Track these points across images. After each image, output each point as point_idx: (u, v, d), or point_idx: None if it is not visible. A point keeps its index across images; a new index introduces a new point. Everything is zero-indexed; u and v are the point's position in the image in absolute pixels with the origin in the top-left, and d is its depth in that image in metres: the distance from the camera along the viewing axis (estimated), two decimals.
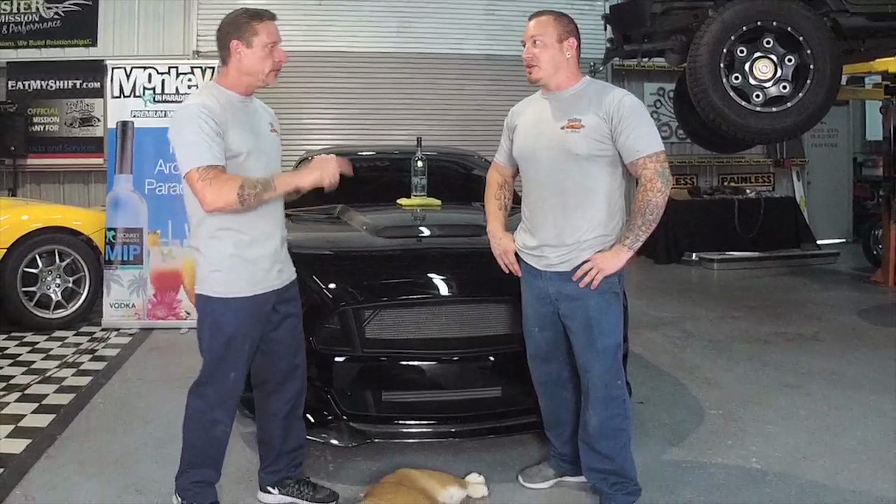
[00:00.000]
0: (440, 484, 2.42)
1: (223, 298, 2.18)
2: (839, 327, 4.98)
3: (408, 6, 7.95)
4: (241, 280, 2.19)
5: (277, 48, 2.23)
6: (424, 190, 3.62)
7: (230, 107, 2.18)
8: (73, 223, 4.90)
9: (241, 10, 2.22)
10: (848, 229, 9.40)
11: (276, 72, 2.24)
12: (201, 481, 2.29)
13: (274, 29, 2.22)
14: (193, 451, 2.27)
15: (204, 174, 2.06)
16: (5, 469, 2.67)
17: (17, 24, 7.39)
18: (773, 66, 4.38)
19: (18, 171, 7.35)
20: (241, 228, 2.18)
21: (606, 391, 2.33)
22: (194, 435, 2.26)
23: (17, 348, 4.36)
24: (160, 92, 4.93)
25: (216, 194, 2.06)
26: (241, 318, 2.20)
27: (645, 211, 2.23)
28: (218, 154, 2.09)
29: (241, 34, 2.18)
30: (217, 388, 2.23)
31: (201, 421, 2.25)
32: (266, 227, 2.24)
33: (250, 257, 2.20)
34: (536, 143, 2.37)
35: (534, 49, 2.31)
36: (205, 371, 2.25)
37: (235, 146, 2.15)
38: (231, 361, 2.22)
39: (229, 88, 2.22)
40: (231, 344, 2.20)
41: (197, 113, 2.09)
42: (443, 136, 7.39)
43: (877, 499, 2.50)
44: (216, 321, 2.20)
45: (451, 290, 2.79)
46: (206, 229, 2.19)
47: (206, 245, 2.20)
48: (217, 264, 2.18)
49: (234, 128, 2.15)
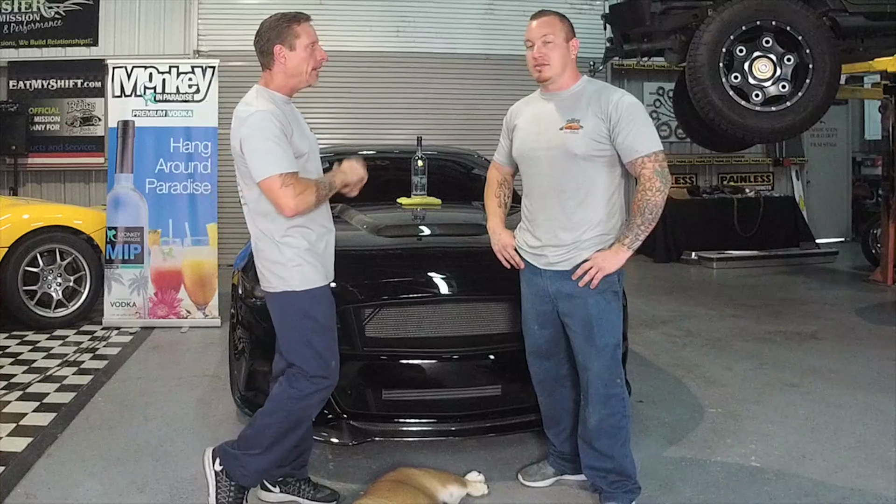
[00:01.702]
0: (440, 482, 2.42)
1: (309, 290, 2.24)
2: (838, 326, 4.99)
3: (408, 6, 7.98)
4: (318, 270, 2.27)
5: (318, 47, 2.29)
6: (424, 189, 3.62)
7: (284, 109, 2.24)
8: (73, 222, 4.91)
9: (279, 15, 2.27)
10: (847, 228, 9.43)
11: (317, 70, 2.32)
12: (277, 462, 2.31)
13: (312, 30, 2.29)
14: (277, 436, 2.26)
15: (286, 180, 2.13)
16: (7, 467, 2.68)
17: (19, 23, 7.41)
18: (773, 65, 4.40)
19: (20, 171, 7.38)
20: (310, 225, 2.26)
21: (605, 389, 2.34)
22: (284, 419, 2.25)
23: (18, 347, 4.37)
24: (161, 91, 4.94)
25: (298, 202, 2.14)
26: (328, 305, 2.30)
27: (644, 210, 2.24)
28: (292, 159, 2.17)
29: (283, 38, 2.23)
30: (321, 380, 2.25)
31: (298, 406, 2.25)
32: (326, 223, 2.35)
33: (319, 250, 2.29)
34: (536, 143, 2.38)
35: (544, 48, 2.31)
36: (310, 368, 2.25)
37: (298, 147, 2.22)
38: (329, 349, 2.28)
39: (277, 91, 2.28)
40: (326, 333, 2.28)
41: (269, 118, 2.15)
42: (442, 135, 7.41)
43: (875, 497, 2.51)
44: (308, 314, 2.25)
45: (451, 289, 2.79)
46: (277, 229, 2.23)
47: (279, 243, 2.23)
48: (297, 259, 2.23)
49: (294, 129, 2.23)
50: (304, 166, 2.24)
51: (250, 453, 2.28)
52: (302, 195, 2.15)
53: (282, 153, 2.14)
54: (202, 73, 4.97)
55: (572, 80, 2.36)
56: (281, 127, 2.16)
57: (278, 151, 2.14)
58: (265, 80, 2.30)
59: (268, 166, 2.13)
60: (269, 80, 2.28)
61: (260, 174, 2.15)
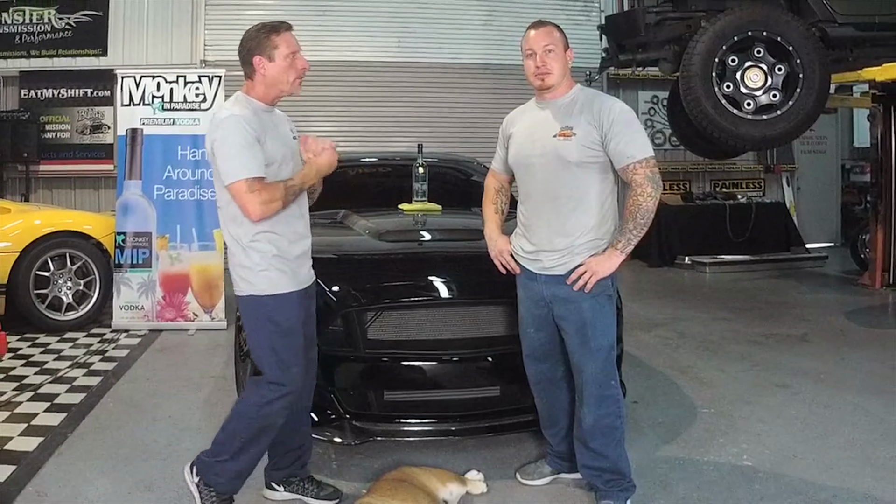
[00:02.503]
0: (440, 481, 2.45)
1: (275, 295, 2.24)
2: (827, 328, 5.03)
3: (408, 17, 8.03)
4: (287, 276, 2.26)
5: (298, 56, 2.29)
6: (425, 195, 3.65)
7: (261, 116, 2.25)
8: (83, 227, 4.95)
9: (259, 25, 2.29)
10: (836, 233, 9.48)
11: (300, 79, 2.31)
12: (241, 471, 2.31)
13: (292, 39, 2.28)
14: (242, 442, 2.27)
15: (252, 185, 2.13)
16: (18, 466, 2.71)
17: (30, 34, 7.47)
18: (764, 74, 4.45)
19: (31, 177, 7.44)
20: (279, 231, 2.25)
21: (600, 390, 2.37)
22: (246, 426, 2.27)
23: (30, 349, 4.40)
24: (168, 100, 4.98)
25: (265, 207, 2.14)
26: (294, 311, 2.27)
27: (636, 215, 2.28)
28: (262, 164, 2.16)
29: (262, 49, 2.24)
30: (278, 386, 2.25)
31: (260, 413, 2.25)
32: (300, 228, 2.33)
33: (290, 256, 2.27)
34: (531, 150, 2.41)
35: (546, 57, 2.35)
36: (270, 372, 2.26)
37: (271, 154, 2.21)
38: (291, 355, 2.27)
39: (257, 99, 2.28)
40: (289, 338, 2.26)
41: (240, 123, 2.16)
42: (443, 142, 7.45)
43: (863, 495, 2.53)
44: (272, 318, 2.24)
45: (451, 293, 2.81)
46: (245, 233, 2.24)
47: (246, 248, 2.24)
48: (264, 264, 2.23)
49: (269, 137, 2.22)
50: (277, 174, 2.23)
51: (220, 459, 2.29)
52: (269, 200, 2.14)
53: (251, 158, 2.14)
54: (209, 82, 5.01)
55: (567, 88, 2.41)
56: (253, 132, 2.16)
57: (247, 156, 2.13)
58: (246, 88, 2.31)
59: (236, 170, 2.13)
60: (251, 89, 2.29)
61: (228, 177, 2.15)
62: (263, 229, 2.22)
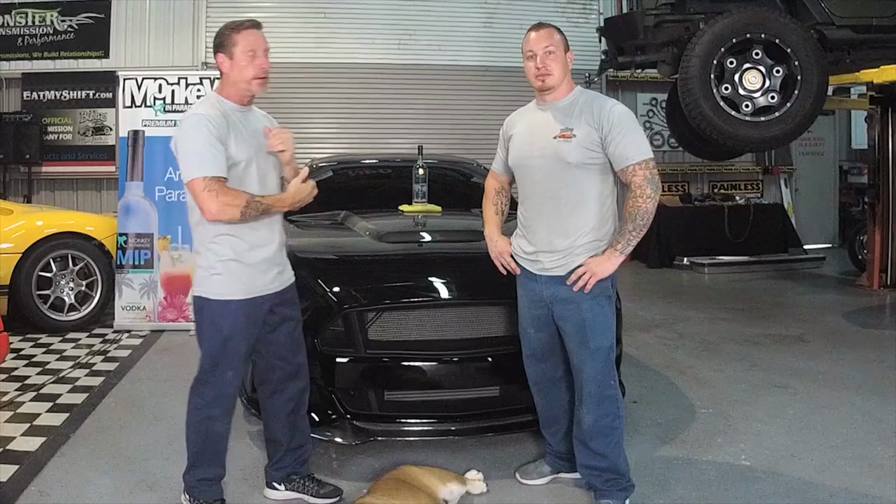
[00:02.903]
0: (440, 480, 2.46)
1: (221, 300, 2.23)
2: (825, 329, 5.04)
3: (409, 19, 8.05)
4: (238, 283, 2.24)
5: (259, 56, 2.24)
6: (425, 197, 3.67)
7: (230, 116, 2.23)
8: (86, 229, 4.96)
9: (227, 22, 2.28)
10: (834, 234, 9.50)
11: (260, 79, 2.26)
12: (206, 478, 2.35)
13: (254, 38, 2.24)
14: (196, 448, 2.33)
15: (209, 184, 2.12)
16: (21, 466, 2.72)
17: (32, 36, 7.48)
18: (762, 76, 4.45)
19: (33, 179, 7.46)
20: (240, 235, 2.23)
21: (599, 390, 2.39)
22: (194, 432, 2.32)
23: (32, 349, 4.42)
24: (170, 102, 5.00)
25: (221, 207, 2.13)
26: (238, 319, 2.25)
27: (636, 217, 2.30)
28: (221, 164, 2.15)
29: (223, 47, 2.24)
30: (214, 386, 2.29)
31: (200, 418, 2.30)
32: (264, 233, 2.29)
33: (248, 261, 2.24)
34: (531, 152, 2.43)
35: (547, 59, 2.36)
36: (202, 370, 2.30)
37: (235, 155, 2.19)
38: (228, 361, 2.28)
39: (227, 99, 2.28)
40: (228, 344, 2.26)
41: (202, 122, 2.15)
42: (443, 144, 7.47)
43: (861, 495, 2.55)
44: (214, 322, 2.25)
45: (451, 293, 2.83)
46: (206, 234, 2.24)
47: (205, 248, 2.25)
48: (216, 267, 2.22)
49: (234, 137, 2.20)
50: (241, 175, 2.21)
51: (188, 468, 2.35)
52: (226, 205, 2.12)
53: (210, 157, 2.12)
54: (210, 84, 5.01)
55: (567, 90, 2.42)
56: (216, 132, 2.14)
57: (206, 155, 2.12)
58: (218, 87, 2.32)
59: (193, 169, 2.13)
60: (221, 88, 2.30)
61: (186, 175, 2.16)
62: (224, 232, 2.21)
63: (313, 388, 2.68)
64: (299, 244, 3.21)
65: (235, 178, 2.20)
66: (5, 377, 3.82)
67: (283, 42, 7.60)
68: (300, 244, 3.22)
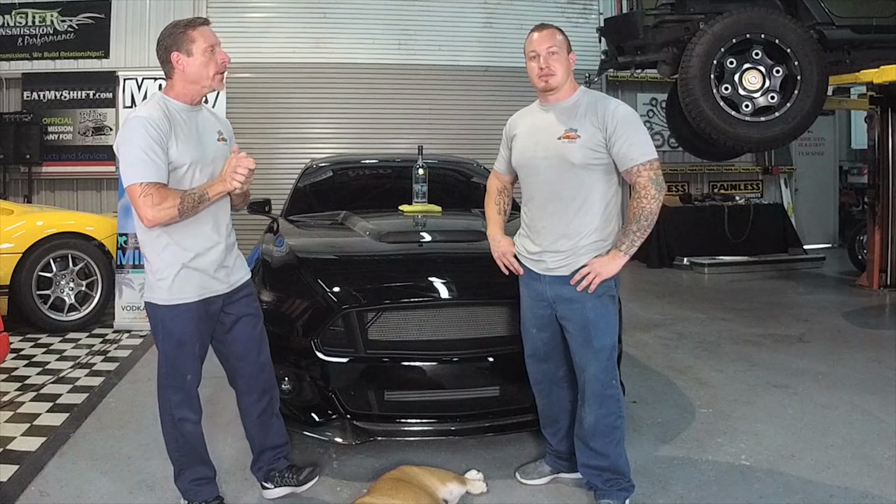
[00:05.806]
0: (440, 480, 2.46)
1: (169, 305, 2.21)
2: (825, 329, 5.05)
3: (409, 20, 8.07)
4: (186, 287, 2.21)
5: (218, 50, 2.22)
6: (425, 197, 3.67)
7: (176, 118, 2.17)
8: (86, 229, 4.97)
9: (175, 22, 2.23)
10: (834, 234, 9.53)
11: (220, 74, 2.23)
12: (196, 479, 2.35)
13: (210, 33, 2.21)
14: (177, 452, 2.33)
15: (145, 190, 2.07)
16: (21, 466, 2.72)
17: (33, 36, 7.50)
18: (762, 77, 4.47)
19: (34, 179, 7.48)
20: (183, 244, 2.20)
21: (602, 390, 2.38)
22: (171, 437, 2.32)
23: (33, 349, 4.42)
24: None
25: (156, 212, 2.08)
26: (188, 323, 2.23)
27: (640, 217, 2.30)
28: (160, 169, 2.09)
29: (179, 45, 2.18)
30: (177, 389, 2.29)
31: (173, 422, 2.31)
32: (208, 236, 2.25)
33: (194, 266, 2.22)
34: (534, 152, 2.43)
35: (550, 59, 2.35)
36: (162, 375, 2.30)
37: (178, 158, 2.14)
38: (184, 364, 2.27)
39: (176, 99, 2.21)
40: (182, 348, 2.25)
41: (142, 125, 2.09)
42: (443, 144, 7.49)
43: (861, 494, 2.54)
44: (166, 327, 2.24)
45: (451, 293, 2.82)
46: (151, 240, 2.21)
47: (151, 255, 2.22)
48: (162, 273, 2.20)
49: (178, 139, 2.14)
50: (184, 176, 2.17)
51: (176, 474, 2.36)
52: (161, 208, 2.07)
53: (147, 162, 2.07)
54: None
55: (570, 90, 2.42)
56: (157, 135, 2.08)
57: (144, 160, 2.07)
58: (166, 88, 2.24)
59: (131, 174, 2.08)
60: (170, 89, 2.22)
61: (125, 181, 2.11)
62: (166, 243, 2.18)
63: (314, 388, 2.69)
64: (299, 244, 3.22)
65: (176, 182, 2.15)
66: (5, 377, 3.82)
67: (283, 42, 7.63)
68: (300, 244, 3.22)
